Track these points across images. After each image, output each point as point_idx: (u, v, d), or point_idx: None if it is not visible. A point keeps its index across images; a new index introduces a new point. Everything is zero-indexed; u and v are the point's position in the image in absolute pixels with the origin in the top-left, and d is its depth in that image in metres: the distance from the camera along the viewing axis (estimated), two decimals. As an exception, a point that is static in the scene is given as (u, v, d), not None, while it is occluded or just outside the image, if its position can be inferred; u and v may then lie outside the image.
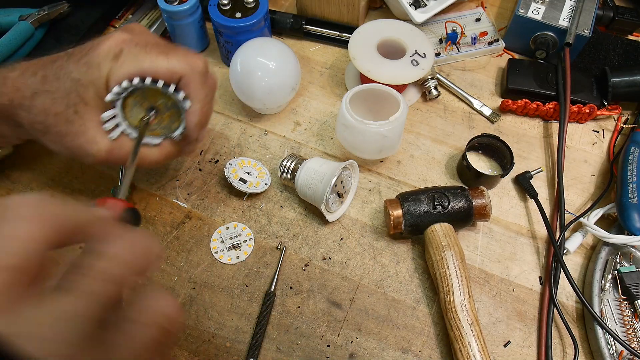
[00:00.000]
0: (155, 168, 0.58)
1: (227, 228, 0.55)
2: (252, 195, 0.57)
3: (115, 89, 0.42)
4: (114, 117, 0.44)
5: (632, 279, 0.49)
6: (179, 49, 0.44)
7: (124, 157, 0.44)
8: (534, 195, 0.55)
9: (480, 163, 0.59)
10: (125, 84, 0.42)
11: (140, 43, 0.43)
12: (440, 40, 0.69)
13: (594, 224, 0.53)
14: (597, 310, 0.48)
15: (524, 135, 0.62)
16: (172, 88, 0.43)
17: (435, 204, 0.51)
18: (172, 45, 0.45)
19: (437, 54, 0.67)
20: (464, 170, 0.57)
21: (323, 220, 0.55)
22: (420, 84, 0.64)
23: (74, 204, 0.26)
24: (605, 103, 0.62)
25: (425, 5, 0.68)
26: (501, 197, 0.58)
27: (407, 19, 0.66)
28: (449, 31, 0.69)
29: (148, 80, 0.42)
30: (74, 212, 0.25)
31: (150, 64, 0.42)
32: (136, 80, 0.42)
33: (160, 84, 0.43)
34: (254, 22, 0.60)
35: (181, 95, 0.44)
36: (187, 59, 0.44)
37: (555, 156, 0.59)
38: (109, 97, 0.42)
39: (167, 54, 0.43)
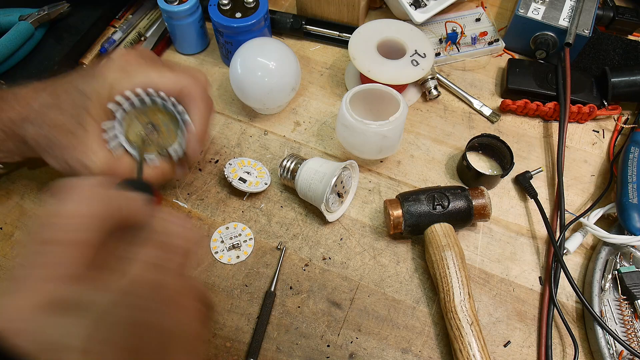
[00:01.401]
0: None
1: (227, 228, 0.55)
2: (252, 195, 0.57)
3: (118, 98, 0.43)
4: (113, 128, 0.45)
5: (632, 279, 0.49)
6: (181, 66, 0.47)
7: (120, 171, 0.46)
8: (534, 195, 0.55)
9: (480, 163, 0.59)
10: (128, 93, 0.43)
11: (146, 58, 0.45)
12: (440, 40, 0.69)
13: (594, 224, 0.53)
14: (597, 310, 0.48)
15: (524, 135, 0.62)
16: (173, 99, 0.45)
17: (435, 204, 0.51)
18: (175, 64, 0.48)
19: (437, 54, 0.67)
20: (464, 170, 0.57)
21: (323, 220, 0.55)
22: (420, 84, 0.64)
23: (124, 191, 0.29)
24: (605, 103, 0.62)
25: (425, 5, 0.67)
26: (501, 197, 0.58)
27: (407, 19, 0.66)
28: (449, 31, 0.69)
29: (152, 92, 0.44)
30: (127, 197, 0.29)
31: (156, 76, 0.44)
32: (140, 91, 0.43)
33: (164, 96, 0.44)
34: (254, 22, 0.60)
35: (181, 108, 0.45)
36: (191, 72, 0.46)
37: (555, 156, 0.59)
38: (111, 105, 0.43)
39: (172, 67, 0.45)
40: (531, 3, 0.65)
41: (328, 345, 0.48)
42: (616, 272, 0.50)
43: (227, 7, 0.61)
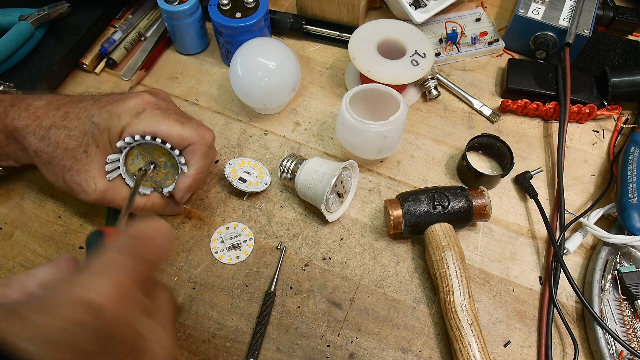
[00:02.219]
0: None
1: (227, 228, 0.55)
2: (252, 195, 0.57)
3: (127, 139, 0.46)
4: (117, 161, 0.48)
5: (632, 279, 0.49)
6: (193, 120, 0.49)
7: (115, 199, 0.48)
8: (534, 195, 0.55)
9: (480, 163, 0.59)
10: (137, 137, 0.46)
11: (162, 108, 0.47)
12: (440, 40, 0.69)
13: (594, 224, 0.53)
14: (597, 310, 0.48)
15: (524, 135, 0.62)
16: (176, 152, 0.47)
17: (435, 204, 0.51)
18: (188, 116, 0.49)
19: (437, 54, 0.67)
20: (464, 170, 0.57)
21: (323, 220, 0.55)
22: (420, 84, 0.64)
23: None
24: (605, 103, 0.62)
25: (425, 5, 0.67)
26: (501, 197, 0.58)
27: (407, 19, 0.66)
28: (449, 31, 0.69)
29: (158, 140, 0.46)
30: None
31: (166, 128, 0.46)
32: (148, 138, 0.46)
33: (168, 145, 0.47)
34: (254, 22, 0.60)
35: (182, 159, 0.48)
36: (199, 130, 0.48)
37: (555, 156, 0.59)
38: (119, 144, 0.46)
39: (182, 122, 0.47)
40: (531, 3, 0.65)
41: (328, 345, 0.48)
42: (616, 272, 0.50)
43: (227, 7, 0.61)
